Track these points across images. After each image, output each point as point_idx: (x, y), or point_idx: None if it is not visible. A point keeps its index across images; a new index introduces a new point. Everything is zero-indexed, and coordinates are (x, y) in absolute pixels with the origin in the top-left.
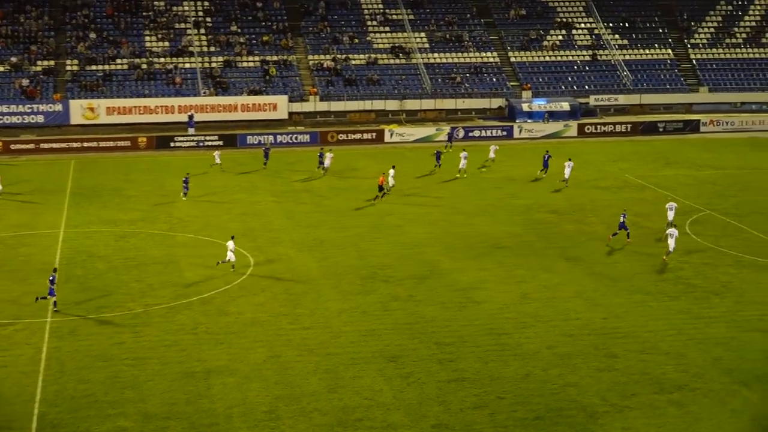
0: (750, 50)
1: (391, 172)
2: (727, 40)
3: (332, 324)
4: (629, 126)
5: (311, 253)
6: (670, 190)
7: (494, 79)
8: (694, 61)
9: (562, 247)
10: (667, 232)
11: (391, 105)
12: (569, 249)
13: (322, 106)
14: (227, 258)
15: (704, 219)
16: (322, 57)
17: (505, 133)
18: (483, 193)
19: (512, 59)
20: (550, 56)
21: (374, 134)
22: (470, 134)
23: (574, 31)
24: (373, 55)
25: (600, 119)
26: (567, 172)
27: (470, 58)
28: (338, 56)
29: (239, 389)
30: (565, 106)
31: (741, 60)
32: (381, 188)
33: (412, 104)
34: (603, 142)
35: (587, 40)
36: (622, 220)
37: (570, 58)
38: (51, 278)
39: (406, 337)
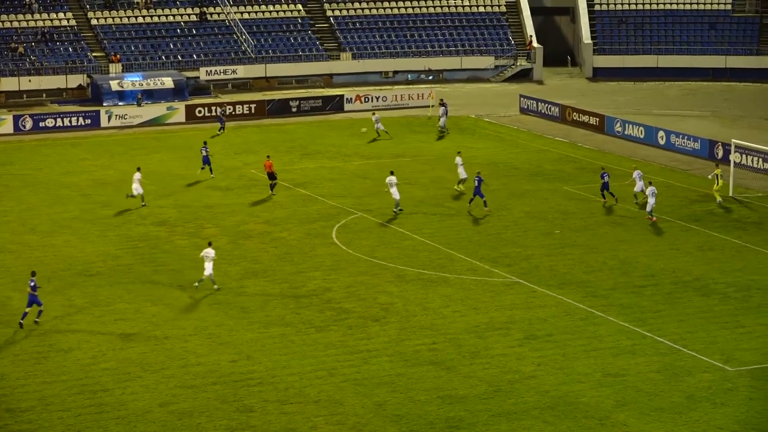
0: (401, 4)
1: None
2: None
3: None
4: (253, 106)
5: None
6: (310, 187)
7: (70, 49)
8: (332, 19)
9: (174, 270)
10: (648, 191)
11: None
12: (184, 272)
13: None
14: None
15: (355, 223)
16: None
17: (89, 121)
18: (63, 203)
19: (93, 21)
20: (144, 17)
21: None
22: (41, 124)
23: None
24: None
25: (215, 98)
26: (443, 120)
27: (36, 20)
28: None
29: None
30: (168, 82)
31: (390, 17)
32: (272, 176)
33: None
34: (219, 128)
35: None
36: (476, 183)
37: (171, 18)
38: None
39: None
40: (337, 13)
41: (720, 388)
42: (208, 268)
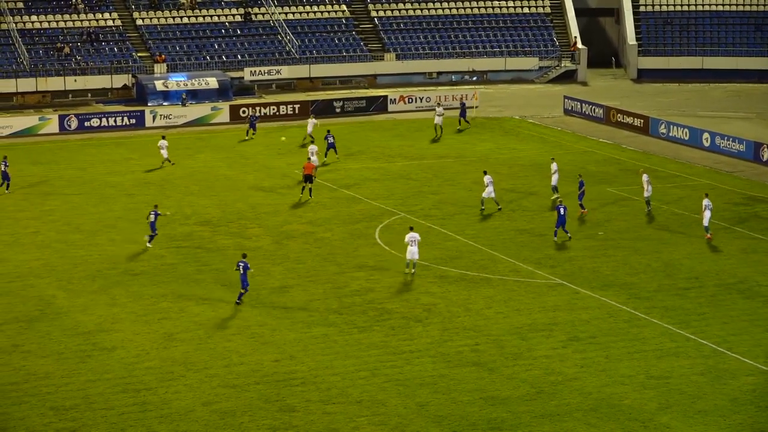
0: (445, 5)
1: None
2: None
3: None
4: (297, 106)
5: None
6: (353, 188)
7: (116, 49)
8: (376, 20)
9: (218, 270)
10: (704, 203)
11: None
12: (228, 272)
13: None
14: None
15: (399, 224)
16: None
17: (134, 121)
18: (108, 203)
19: (138, 22)
20: (189, 17)
21: None
22: (86, 124)
23: None
24: None
25: (259, 99)
26: (439, 119)
27: (82, 21)
28: None
29: None
30: (212, 82)
31: (435, 18)
32: (310, 178)
33: (4, 85)
34: (263, 129)
35: None
36: (562, 212)
37: (216, 19)
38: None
39: (10, 402)
40: (381, 13)
41: (764, 391)
42: (415, 252)
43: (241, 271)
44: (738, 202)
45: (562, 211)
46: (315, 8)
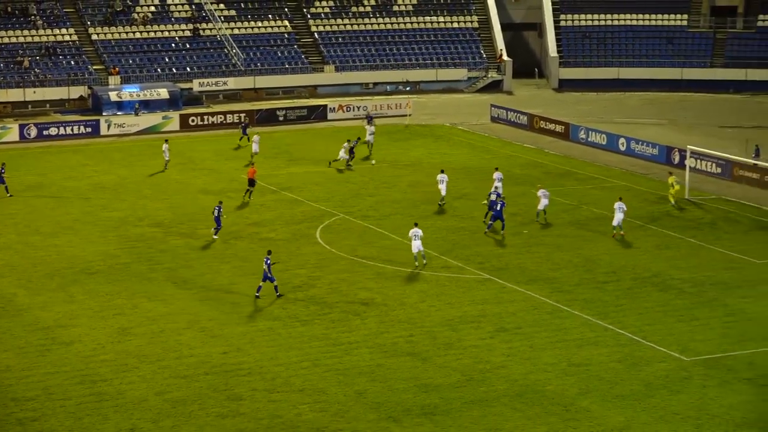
0: (381, 21)
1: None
2: (354, 9)
3: None
4: (243, 115)
5: None
6: (296, 191)
7: (72, 62)
8: (316, 34)
9: (170, 269)
10: (615, 206)
11: None
12: (178, 270)
13: None
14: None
15: (338, 224)
16: None
17: (90, 129)
18: (66, 206)
19: (94, 37)
20: (141, 32)
21: None
22: (45, 132)
23: (169, 1)
24: None
25: (207, 108)
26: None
27: (40, 36)
28: None
29: None
30: (163, 93)
31: (371, 32)
32: (252, 183)
33: None
34: (211, 136)
35: (186, 11)
36: (499, 207)
37: (166, 34)
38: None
39: None
40: (321, 28)
41: (676, 377)
42: (419, 245)
43: (265, 266)
44: (652, 201)
45: (498, 206)
46: (259, 24)
